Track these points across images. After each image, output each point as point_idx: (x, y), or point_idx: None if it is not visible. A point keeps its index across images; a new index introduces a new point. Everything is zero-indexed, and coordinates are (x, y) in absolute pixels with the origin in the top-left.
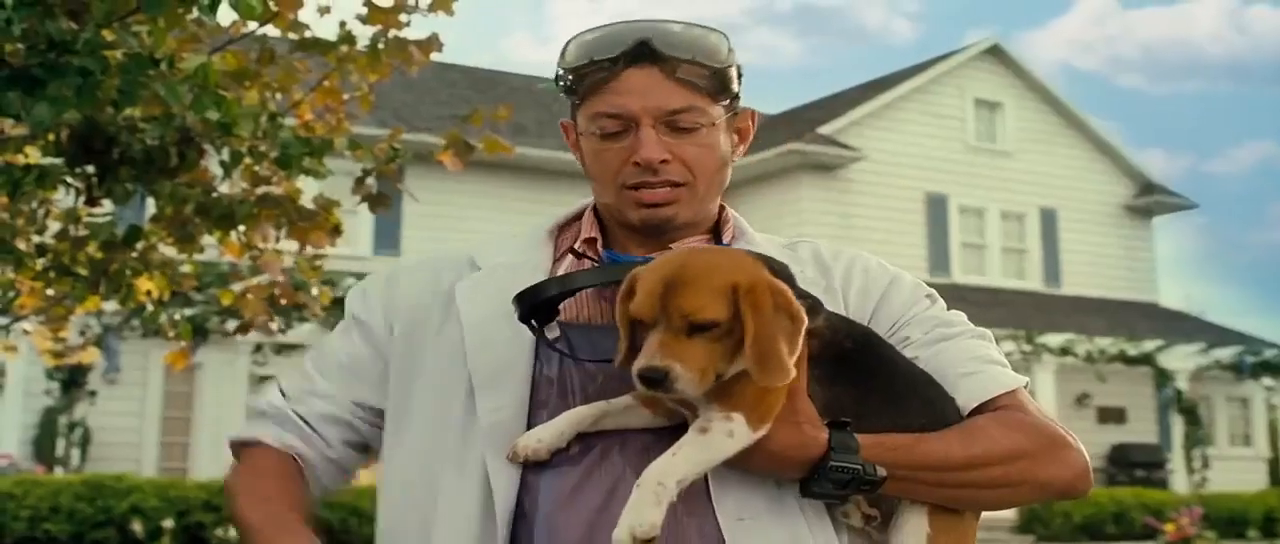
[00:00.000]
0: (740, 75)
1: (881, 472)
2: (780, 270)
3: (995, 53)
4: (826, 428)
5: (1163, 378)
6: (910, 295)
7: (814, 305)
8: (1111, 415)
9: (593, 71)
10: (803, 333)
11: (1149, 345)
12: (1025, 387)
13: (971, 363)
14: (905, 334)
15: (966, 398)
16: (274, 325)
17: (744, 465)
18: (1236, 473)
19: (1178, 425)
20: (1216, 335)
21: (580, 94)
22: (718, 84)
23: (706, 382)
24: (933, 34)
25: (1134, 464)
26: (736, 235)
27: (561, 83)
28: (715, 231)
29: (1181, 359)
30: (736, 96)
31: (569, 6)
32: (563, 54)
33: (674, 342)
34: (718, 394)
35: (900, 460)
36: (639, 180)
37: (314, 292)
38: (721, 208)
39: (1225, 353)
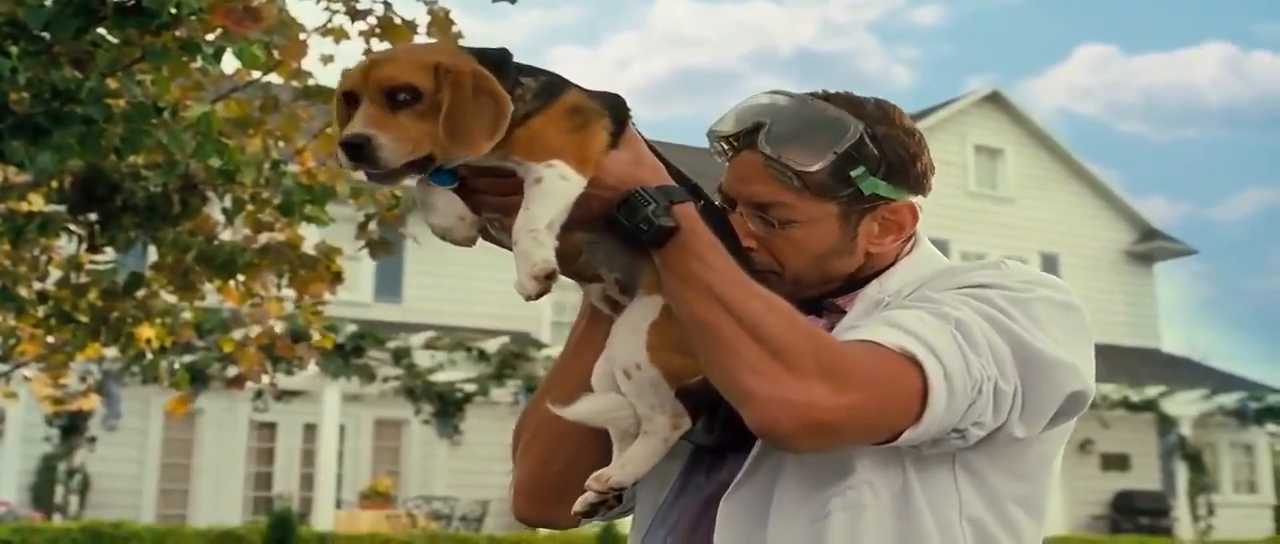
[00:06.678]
0: (883, 166)
1: (669, 223)
2: (494, 60)
3: (995, 99)
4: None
5: (1166, 424)
6: (943, 282)
7: (542, 91)
8: (1115, 462)
9: (718, 145)
10: (505, 115)
11: (1152, 391)
12: (920, 356)
13: (873, 324)
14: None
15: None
16: (266, 378)
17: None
18: (1242, 520)
19: (1182, 472)
20: (1220, 381)
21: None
22: (823, 181)
23: (409, 153)
24: (932, 81)
25: (1138, 511)
26: (891, 273)
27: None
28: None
29: (1185, 405)
30: (859, 190)
31: (569, 51)
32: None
33: (377, 114)
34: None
35: (706, 253)
36: None
37: (315, 337)
38: (908, 241)
39: (1229, 399)
